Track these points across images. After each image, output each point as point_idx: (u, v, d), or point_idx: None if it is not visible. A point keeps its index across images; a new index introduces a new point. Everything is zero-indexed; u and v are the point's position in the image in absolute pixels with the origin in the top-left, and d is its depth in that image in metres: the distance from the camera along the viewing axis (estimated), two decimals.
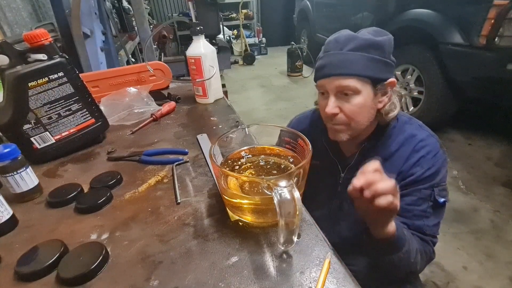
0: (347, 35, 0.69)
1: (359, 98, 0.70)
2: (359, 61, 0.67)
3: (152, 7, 5.99)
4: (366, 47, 0.67)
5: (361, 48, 0.67)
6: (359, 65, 0.67)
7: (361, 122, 0.74)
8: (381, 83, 0.71)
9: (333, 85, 0.70)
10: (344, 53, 0.68)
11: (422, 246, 0.72)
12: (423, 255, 0.72)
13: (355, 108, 0.70)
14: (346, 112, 0.71)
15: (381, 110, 0.74)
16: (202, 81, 1.00)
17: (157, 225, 0.51)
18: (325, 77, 0.71)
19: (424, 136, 0.76)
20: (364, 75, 0.68)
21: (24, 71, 0.66)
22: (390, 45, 0.70)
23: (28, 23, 1.96)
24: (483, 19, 1.80)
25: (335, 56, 0.69)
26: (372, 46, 0.68)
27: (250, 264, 0.42)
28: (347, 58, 0.68)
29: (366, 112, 0.73)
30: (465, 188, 1.92)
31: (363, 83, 0.69)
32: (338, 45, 0.69)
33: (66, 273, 0.41)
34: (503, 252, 1.48)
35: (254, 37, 6.15)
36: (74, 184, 0.62)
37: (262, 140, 0.64)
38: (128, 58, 2.17)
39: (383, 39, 0.69)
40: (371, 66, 0.68)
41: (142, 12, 1.67)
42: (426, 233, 0.73)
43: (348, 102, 0.70)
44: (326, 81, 0.71)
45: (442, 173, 0.74)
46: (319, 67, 0.72)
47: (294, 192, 0.38)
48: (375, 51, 0.68)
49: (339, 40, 0.70)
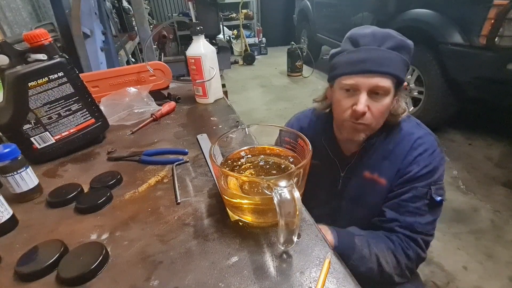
0: (383, 32, 0.68)
1: (388, 99, 0.69)
2: (397, 60, 0.66)
3: (152, 7, 5.99)
4: (401, 48, 0.67)
5: (398, 48, 0.66)
6: (396, 65, 0.66)
7: (380, 123, 0.73)
8: (401, 85, 0.71)
9: (370, 83, 0.67)
10: (384, 50, 0.66)
11: (401, 247, 0.72)
12: (398, 254, 0.71)
13: (383, 109, 0.69)
14: (374, 112, 0.69)
15: (392, 111, 0.73)
16: (202, 82, 1.00)
17: (157, 225, 0.51)
18: (362, 73, 0.67)
19: (421, 134, 0.76)
20: (397, 75, 0.67)
21: (24, 71, 0.66)
22: (413, 49, 0.70)
23: (28, 23, 1.96)
24: (483, 19, 1.80)
25: (375, 52, 0.66)
26: (404, 48, 0.67)
27: (250, 264, 0.42)
28: (387, 56, 0.66)
29: (387, 113, 0.73)
30: (465, 188, 1.92)
31: (393, 84, 0.68)
32: (376, 41, 0.67)
33: (66, 273, 0.41)
34: (503, 252, 1.48)
35: (254, 37, 6.15)
36: (74, 184, 0.62)
37: (262, 140, 0.64)
38: (128, 58, 2.17)
39: (411, 42, 0.69)
40: (403, 67, 0.67)
41: (142, 12, 1.67)
42: (417, 230, 0.72)
43: (377, 102, 0.68)
44: (361, 77, 0.67)
45: (439, 171, 0.74)
46: (353, 61, 0.68)
47: (294, 192, 0.38)
48: (406, 53, 0.68)
49: (376, 35, 0.67)
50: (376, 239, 0.73)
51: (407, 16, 2.34)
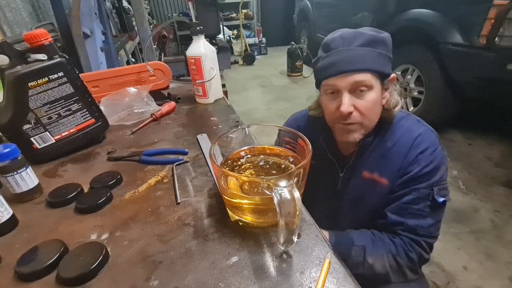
0: (352, 32, 0.69)
1: (372, 94, 0.69)
2: (370, 56, 0.67)
3: (152, 7, 5.99)
4: (373, 43, 0.67)
5: (369, 43, 0.67)
6: (371, 60, 0.67)
7: (373, 119, 0.73)
8: (387, 78, 0.71)
9: (347, 82, 0.68)
10: (354, 48, 0.67)
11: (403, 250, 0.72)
12: (399, 258, 0.72)
13: (369, 105, 0.69)
14: (361, 109, 0.70)
15: (385, 106, 0.74)
16: (202, 83, 1.00)
17: (157, 225, 0.51)
18: (336, 75, 0.68)
19: (422, 131, 0.75)
20: (376, 69, 0.68)
21: (24, 71, 0.66)
22: (390, 41, 0.71)
23: (28, 23, 1.95)
24: (483, 19, 1.80)
25: (345, 53, 0.68)
26: (378, 42, 0.68)
27: (250, 264, 0.42)
28: (358, 53, 0.67)
29: (378, 108, 0.72)
30: (465, 188, 1.92)
31: (375, 78, 0.69)
32: (346, 42, 0.68)
33: (66, 273, 0.41)
34: (503, 252, 1.48)
35: (254, 37, 6.15)
36: (74, 184, 0.62)
37: (262, 140, 0.64)
38: (128, 58, 2.17)
39: (385, 35, 0.69)
40: (380, 61, 0.68)
41: (142, 12, 1.67)
42: (420, 233, 0.72)
43: (362, 99, 0.69)
44: (338, 79, 0.69)
45: (441, 170, 0.72)
46: (326, 65, 0.70)
47: (294, 192, 0.38)
48: (381, 47, 0.68)
49: (345, 36, 0.69)
50: (376, 245, 0.72)
51: (407, 16, 2.34)
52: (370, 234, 0.76)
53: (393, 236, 0.74)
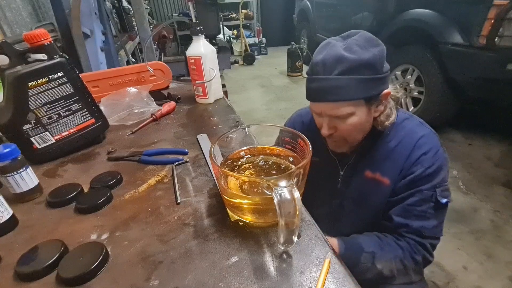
0: (335, 56, 0.64)
1: (354, 119, 0.69)
2: (350, 85, 0.64)
3: (152, 7, 5.99)
4: (355, 69, 0.63)
5: (350, 71, 0.64)
6: (350, 90, 0.65)
7: (358, 137, 0.75)
8: (376, 98, 0.69)
9: (325, 111, 0.70)
10: (333, 78, 0.65)
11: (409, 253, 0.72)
12: (406, 261, 0.72)
13: (350, 127, 0.71)
14: (342, 131, 0.72)
15: (378, 118, 0.73)
16: (202, 83, 1.00)
17: (157, 225, 0.51)
18: (317, 102, 0.71)
19: (425, 133, 0.75)
20: (355, 98, 0.66)
21: (24, 71, 0.66)
22: (381, 58, 0.66)
23: (28, 23, 1.96)
24: (483, 19, 1.80)
25: (324, 82, 0.66)
26: (362, 66, 0.64)
27: (250, 264, 0.42)
28: (336, 84, 0.65)
29: (362, 128, 0.73)
30: (465, 188, 1.92)
31: (356, 105, 0.67)
32: (326, 69, 0.65)
33: (66, 273, 0.41)
34: (503, 252, 1.48)
35: (254, 37, 6.15)
36: (74, 184, 0.62)
37: (262, 140, 0.64)
38: (128, 58, 2.17)
39: (373, 55, 0.64)
40: (363, 87, 0.65)
41: (142, 12, 1.67)
42: (425, 235, 0.72)
43: (343, 123, 0.70)
44: (318, 106, 0.71)
45: (443, 172, 0.73)
46: (308, 89, 0.71)
47: (294, 192, 0.38)
48: (366, 71, 0.64)
49: (326, 63, 0.65)
50: (384, 250, 0.72)
51: (407, 16, 2.34)
52: (377, 239, 0.75)
53: (398, 238, 0.74)
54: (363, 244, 0.73)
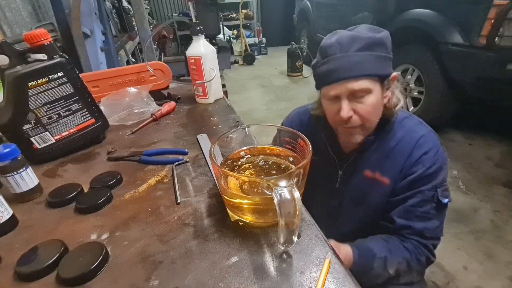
0: (350, 36, 0.67)
1: (372, 98, 0.69)
2: (368, 60, 0.66)
3: (152, 7, 5.99)
4: (371, 46, 0.66)
5: (367, 47, 0.66)
6: (368, 65, 0.66)
7: (374, 121, 0.74)
8: (387, 78, 0.71)
9: (346, 89, 0.68)
10: (351, 54, 0.66)
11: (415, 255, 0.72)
12: (412, 263, 0.72)
13: (369, 108, 0.70)
14: (361, 113, 0.70)
15: (387, 105, 0.74)
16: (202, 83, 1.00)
17: (157, 225, 0.51)
18: (335, 82, 0.69)
19: (425, 132, 0.75)
20: (374, 73, 0.68)
21: (24, 71, 0.66)
22: (389, 40, 0.70)
23: (28, 23, 1.95)
24: (483, 19, 1.80)
25: (342, 59, 0.67)
26: (376, 44, 0.67)
27: (250, 264, 0.42)
28: (356, 59, 0.66)
29: (378, 110, 0.73)
30: (465, 188, 1.92)
31: (374, 82, 0.68)
32: (343, 47, 0.67)
33: (66, 273, 0.41)
34: (503, 252, 1.48)
35: (254, 37, 6.15)
36: (74, 184, 0.62)
37: (262, 140, 0.64)
38: (128, 58, 2.17)
39: (383, 35, 0.68)
40: (379, 64, 0.67)
41: (142, 12, 1.67)
42: (427, 236, 0.72)
43: (361, 103, 0.69)
44: (337, 86, 0.69)
45: (444, 171, 0.73)
46: (325, 72, 0.70)
47: (294, 192, 0.38)
48: (380, 49, 0.67)
49: (342, 42, 0.67)
50: (392, 254, 0.72)
51: (407, 16, 2.34)
52: (385, 243, 0.74)
53: (402, 239, 0.74)
54: (375, 250, 0.72)
